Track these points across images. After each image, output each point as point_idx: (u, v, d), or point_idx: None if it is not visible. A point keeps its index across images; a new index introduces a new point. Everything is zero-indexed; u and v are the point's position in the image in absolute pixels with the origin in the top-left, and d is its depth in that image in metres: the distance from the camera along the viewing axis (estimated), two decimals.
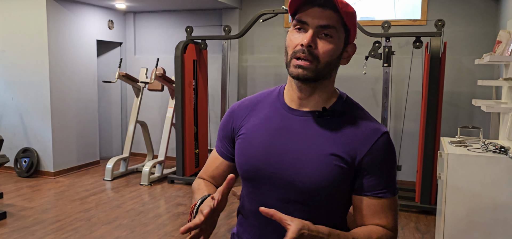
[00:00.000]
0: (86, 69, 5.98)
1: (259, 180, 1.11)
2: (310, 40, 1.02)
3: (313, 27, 1.03)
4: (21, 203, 4.54)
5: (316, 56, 1.03)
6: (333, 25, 1.03)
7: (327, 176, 1.04)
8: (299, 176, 1.05)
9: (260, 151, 1.11)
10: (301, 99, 1.11)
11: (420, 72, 4.93)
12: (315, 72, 1.04)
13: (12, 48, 5.58)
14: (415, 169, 5.06)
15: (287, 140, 1.09)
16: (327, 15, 1.02)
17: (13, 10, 5.50)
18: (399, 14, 5.31)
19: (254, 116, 1.17)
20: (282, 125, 1.11)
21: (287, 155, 1.08)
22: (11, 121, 5.72)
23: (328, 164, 1.05)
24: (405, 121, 5.21)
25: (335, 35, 1.04)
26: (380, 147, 1.07)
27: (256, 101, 1.21)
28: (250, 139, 1.14)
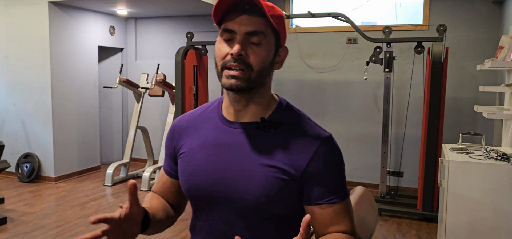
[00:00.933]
0: (87, 75, 5.99)
1: (202, 199, 1.08)
2: (239, 49, 0.98)
3: (241, 35, 0.99)
4: (22, 208, 4.53)
5: (248, 64, 0.99)
6: (262, 31, 0.99)
7: (268, 190, 1.00)
8: (241, 192, 1.02)
9: (199, 169, 1.07)
10: (238, 111, 1.07)
11: (422, 78, 4.90)
12: (248, 82, 1.00)
13: (15, 54, 5.60)
14: (417, 176, 5.02)
15: (226, 155, 1.05)
16: (254, 21, 0.99)
17: (16, 16, 5.52)
18: (401, 19, 5.29)
19: (193, 133, 1.13)
20: (221, 140, 1.07)
21: (227, 170, 1.04)
22: (13, 126, 5.73)
23: (269, 177, 1.01)
24: (407, 127, 5.17)
25: (264, 41, 1.00)
26: (324, 152, 1.03)
27: (195, 116, 1.17)
28: (190, 157, 1.10)
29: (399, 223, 4.28)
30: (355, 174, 5.58)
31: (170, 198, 1.22)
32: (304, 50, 5.70)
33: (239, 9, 0.99)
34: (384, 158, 4.76)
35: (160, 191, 1.24)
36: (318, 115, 5.70)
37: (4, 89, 5.72)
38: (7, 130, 5.77)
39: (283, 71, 5.82)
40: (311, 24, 5.66)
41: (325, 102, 5.67)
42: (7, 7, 5.55)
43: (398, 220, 4.37)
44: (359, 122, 5.53)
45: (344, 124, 5.60)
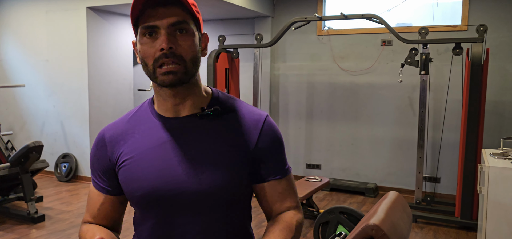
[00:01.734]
0: (122, 78, 6.14)
1: (157, 204, 1.02)
2: (168, 42, 0.95)
3: (164, 28, 0.96)
4: (59, 206, 4.69)
5: (180, 56, 0.97)
6: (184, 19, 0.98)
7: (228, 174, 1.01)
8: (201, 183, 1.00)
9: (151, 172, 1.02)
10: (176, 106, 1.04)
11: (461, 80, 4.72)
12: (185, 74, 0.98)
13: (55, 58, 5.82)
14: (454, 182, 4.83)
15: (176, 151, 1.02)
16: (173, 11, 0.96)
17: (56, 21, 5.73)
18: (438, 20, 5.12)
19: (131, 139, 1.07)
20: (166, 138, 1.04)
21: (181, 166, 1.01)
22: (52, 128, 5.95)
23: (225, 162, 1.01)
24: (444, 131, 4.99)
25: (188, 28, 0.99)
26: (268, 130, 1.07)
27: (125, 123, 1.11)
28: (136, 163, 1.03)
29: (435, 231, 4.13)
30: (389, 179, 5.44)
31: (109, 221, 1.14)
32: (336, 52, 5.62)
33: (153, 3, 0.96)
34: (420, 163, 4.61)
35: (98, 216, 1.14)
36: (351, 119, 5.61)
37: (45, 91, 5.95)
38: (47, 131, 5.99)
39: (315, 74, 5.77)
40: (344, 26, 5.57)
41: (358, 105, 5.56)
42: (48, 13, 5.77)
43: (434, 227, 4.22)
44: (394, 126, 5.39)
45: (377, 128, 5.47)
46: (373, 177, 5.53)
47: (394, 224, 1.38)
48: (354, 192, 5.36)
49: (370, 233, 1.28)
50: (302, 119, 5.90)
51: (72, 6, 5.56)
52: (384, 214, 1.40)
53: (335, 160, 5.73)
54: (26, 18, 5.95)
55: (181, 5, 0.98)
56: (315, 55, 5.75)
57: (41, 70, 5.93)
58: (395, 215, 1.47)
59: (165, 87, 1.01)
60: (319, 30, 5.71)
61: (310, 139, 5.85)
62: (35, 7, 5.85)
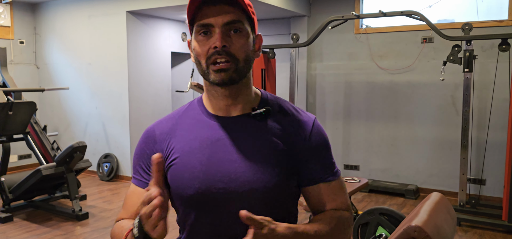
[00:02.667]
0: (161, 80, 6.27)
1: (207, 203, 1.01)
2: (222, 40, 0.96)
3: (219, 27, 0.97)
4: (102, 205, 4.85)
5: (233, 55, 0.98)
6: (239, 19, 0.98)
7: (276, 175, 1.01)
8: (250, 183, 1.00)
9: (202, 171, 1.01)
10: (228, 105, 1.05)
11: (507, 78, 4.51)
12: (237, 72, 0.99)
13: (97, 61, 6.02)
14: (501, 184, 4.61)
15: (226, 150, 1.02)
16: (229, 10, 0.97)
17: (97, 26, 5.94)
18: (482, 15, 4.91)
19: (181, 137, 1.06)
20: (217, 136, 1.03)
21: (231, 165, 1.00)
22: (95, 128, 6.16)
23: (275, 162, 1.02)
24: (490, 131, 4.78)
25: (243, 28, 0.99)
26: (317, 132, 1.08)
27: (175, 121, 1.10)
28: (186, 161, 1.02)
29: (481, 235, 3.96)
30: (431, 180, 5.27)
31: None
32: (375, 51, 5.50)
33: (210, 2, 0.98)
34: (463, 164, 4.44)
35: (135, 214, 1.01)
36: (391, 119, 5.47)
37: (87, 94, 6.17)
38: (90, 132, 6.21)
39: (353, 74, 5.67)
40: (383, 23, 5.45)
41: (398, 105, 5.42)
42: (91, 18, 5.98)
43: (480, 231, 4.04)
44: (436, 126, 5.21)
45: (418, 128, 5.31)
46: (414, 178, 5.37)
47: (437, 226, 1.34)
48: (394, 193, 5.23)
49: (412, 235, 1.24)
50: (339, 119, 5.81)
51: (113, 10, 5.74)
52: (427, 215, 1.35)
53: (373, 160, 5.61)
54: (69, 23, 6.20)
55: (237, 5, 0.98)
56: (352, 54, 5.65)
57: (84, 73, 6.16)
58: (439, 217, 1.42)
59: (217, 86, 1.01)
60: (356, 28, 5.61)
61: (348, 140, 5.75)
62: (78, 12, 6.08)
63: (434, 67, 5.08)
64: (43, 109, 6.60)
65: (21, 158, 6.36)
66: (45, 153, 4.82)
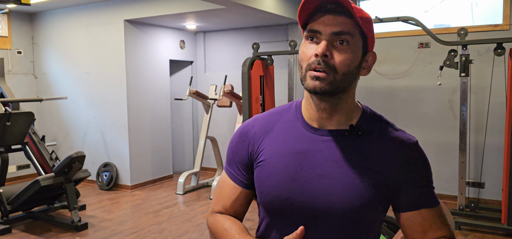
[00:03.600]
0: (160, 88, 6.29)
1: (286, 211, 1.01)
2: (324, 49, 0.94)
3: (326, 36, 0.95)
4: (101, 214, 4.84)
5: (332, 66, 0.95)
6: (348, 31, 0.95)
7: (363, 198, 0.97)
8: (332, 202, 0.97)
9: (285, 180, 1.00)
10: (323, 118, 1.02)
11: (503, 81, 4.53)
12: (332, 84, 0.95)
13: (95, 70, 6.03)
14: (500, 187, 4.63)
15: (314, 164, 1.00)
16: (340, 21, 0.94)
17: (95, 35, 5.95)
18: (478, 19, 4.94)
19: (272, 139, 1.06)
20: (306, 147, 1.01)
21: (316, 180, 0.99)
22: (94, 137, 6.16)
23: (362, 185, 0.97)
24: (487, 135, 4.80)
25: (351, 42, 0.96)
26: (415, 158, 1.02)
27: (272, 120, 1.09)
28: (272, 166, 1.03)
29: (480, 238, 3.97)
30: None
31: (240, 213, 1.13)
32: None
33: (324, 9, 0.96)
34: (462, 168, 4.45)
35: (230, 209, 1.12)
36: None
37: (86, 103, 6.17)
38: (88, 141, 6.21)
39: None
40: (379, 29, 5.47)
41: (396, 109, 5.44)
42: (88, 27, 6.00)
43: (479, 234, 4.05)
44: (434, 130, 5.23)
45: (417, 132, 5.29)
46: None
47: None
48: None
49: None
50: None
51: (111, 19, 5.76)
52: None
53: None
54: (67, 33, 6.21)
55: (351, 17, 0.95)
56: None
57: (82, 82, 6.17)
58: None
59: (312, 94, 1.00)
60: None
61: None
62: (76, 22, 6.10)
63: (431, 72, 5.10)
64: (41, 119, 6.60)
65: (20, 168, 6.35)
66: (43, 163, 4.82)
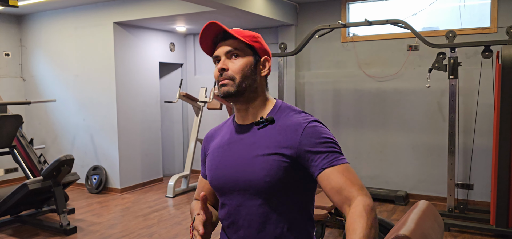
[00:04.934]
0: (149, 91, 6.25)
1: (221, 187, 1.34)
2: (222, 64, 1.30)
3: (222, 55, 1.31)
4: (90, 218, 4.79)
5: (230, 75, 1.29)
6: (235, 48, 1.30)
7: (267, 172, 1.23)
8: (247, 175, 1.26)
9: (217, 163, 1.36)
10: (243, 116, 1.35)
11: (491, 84, 4.59)
12: (235, 87, 1.29)
13: (84, 73, 5.98)
14: (488, 188, 4.68)
15: (236, 149, 1.32)
16: (229, 43, 1.31)
17: (84, 37, 5.91)
18: (466, 22, 5.00)
19: (216, 139, 1.43)
20: (232, 139, 1.36)
21: (237, 161, 1.30)
22: (83, 141, 6.10)
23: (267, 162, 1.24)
24: (476, 136, 4.85)
25: (240, 54, 1.30)
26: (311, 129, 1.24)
27: (220, 127, 1.46)
28: (212, 156, 1.39)
29: None
30: (420, 186, 5.32)
31: (211, 200, 1.48)
32: (362, 59, 5.56)
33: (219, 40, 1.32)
34: (451, 170, 4.49)
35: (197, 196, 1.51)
36: (379, 126, 5.52)
37: (75, 106, 6.11)
38: (77, 144, 6.15)
39: (341, 82, 5.72)
40: (369, 32, 5.51)
41: (386, 112, 5.47)
42: (77, 30, 5.95)
43: (468, 236, 4.08)
44: (423, 132, 5.27)
45: (406, 134, 5.37)
46: (403, 184, 5.42)
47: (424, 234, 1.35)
48: (384, 200, 5.26)
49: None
50: (328, 127, 5.81)
51: (100, 21, 5.72)
52: (414, 224, 1.37)
53: (363, 167, 5.65)
54: (56, 35, 6.16)
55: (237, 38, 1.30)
56: (340, 62, 5.70)
57: (71, 85, 6.11)
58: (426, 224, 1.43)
59: (225, 98, 1.30)
60: (343, 37, 5.67)
61: None
62: (64, 24, 6.05)
63: (420, 74, 5.15)
64: (29, 122, 6.53)
65: (8, 172, 6.27)
66: (31, 167, 4.76)
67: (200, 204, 1.26)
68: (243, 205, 1.29)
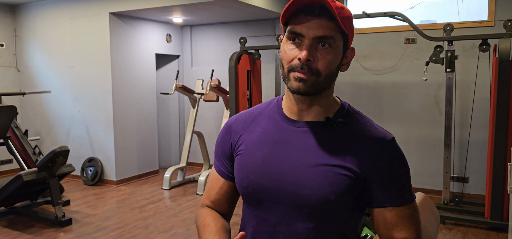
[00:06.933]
0: (145, 82, 6.22)
1: (259, 197, 1.06)
2: (307, 55, 0.96)
3: (309, 39, 0.96)
4: (86, 210, 4.78)
5: (315, 70, 0.98)
6: (331, 35, 0.97)
7: (332, 188, 0.98)
8: (302, 189, 0.99)
9: (257, 165, 1.05)
10: (301, 111, 1.06)
11: (488, 77, 4.59)
12: (315, 86, 0.99)
13: (79, 64, 5.94)
14: (484, 182, 4.69)
15: (286, 151, 1.03)
16: (323, 24, 0.96)
17: (80, 28, 5.85)
18: (463, 16, 4.99)
19: (252, 131, 1.11)
20: (281, 137, 1.06)
21: (287, 167, 1.02)
22: (78, 132, 6.07)
23: (332, 176, 0.99)
24: (472, 130, 4.85)
25: (333, 45, 0.98)
26: (388, 154, 1.02)
27: (254, 115, 1.15)
28: (248, 154, 1.08)
29: (464, 232, 4.02)
30: (416, 179, 5.30)
31: (225, 207, 1.19)
32: (359, 51, 5.54)
33: (308, 12, 0.97)
34: (447, 163, 4.50)
35: (215, 199, 1.18)
36: (376, 119, 5.46)
37: (70, 97, 6.07)
38: (73, 136, 6.12)
39: (338, 74, 5.69)
40: (367, 24, 5.49)
41: (383, 105, 5.47)
42: (72, 20, 5.90)
43: (463, 229, 4.10)
44: (419, 125, 5.28)
45: (403, 127, 5.37)
46: None
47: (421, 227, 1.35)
48: None
49: None
50: None
51: (95, 12, 5.67)
52: None
53: None
54: (51, 26, 6.10)
55: (334, 20, 0.97)
56: None
57: (67, 76, 6.07)
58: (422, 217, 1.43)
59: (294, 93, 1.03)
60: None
61: None
62: (59, 14, 5.99)
63: (417, 67, 5.14)
64: (24, 113, 6.48)
65: (2, 163, 6.23)
66: (26, 158, 4.73)
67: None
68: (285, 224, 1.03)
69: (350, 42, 1.04)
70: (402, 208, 1.02)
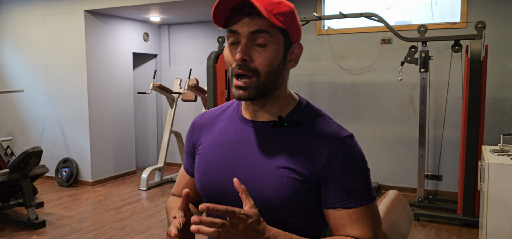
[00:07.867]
0: (122, 81, 6.13)
1: (215, 197, 1.04)
2: (243, 54, 0.95)
3: (244, 36, 0.96)
4: (60, 211, 4.68)
5: (254, 69, 0.96)
6: (265, 30, 0.95)
7: (282, 192, 0.97)
8: (253, 192, 0.97)
9: (214, 166, 1.06)
10: (255, 111, 1.05)
11: (460, 77, 4.71)
12: (257, 89, 0.97)
13: (54, 63, 5.81)
14: (456, 179, 4.81)
15: (241, 153, 1.03)
16: (257, 21, 0.95)
17: (54, 25, 5.73)
18: (437, 17, 5.10)
19: (211, 131, 1.12)
20: (237, 138, 1.06)
21: (240, 169, 1.02)
22: (52, 132, 5.94)
23: (282, 178, 0.97)
24: (445, 129, 4.97)
25: (270, 41, 0.96)
26: (342, 153, 0.98)
27: (217, 114, 1.16)
28: (206, 154, 1.09)
29: (438, 229, 4.11)
30: (391, 177, 5.42)
31: (193, 198, 1.20)
32: (336, 52, 5.61)
33: (240, 11, 0.97)
34: (421, 161, 4.60)
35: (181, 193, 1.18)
36: (352, 118, 5.59)
37: (44, 96, 5.94)
38: (47, 136, 5.99)
39: (316, 74, 5.75)
40: (344, 25, 5.56)
41: (359, 104, 5.54)
42: (46, 17, 5.77)
43: (437, 225, 4.20)
44: (395, 124, 5.37)
45: (379, 127, 5.45)
46: (375, 176, 5.51)
47: (393, 223, 1.37)
48: None
49: None
50: None
51: (70, 9, 5.56)
52: (383, 213, 1.39)
53: None
54: (24, 23, 5.95)
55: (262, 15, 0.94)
56: (315, 55, 5.73)
57: (40, 75, 5.93)
58: (395, 214, 1.45)
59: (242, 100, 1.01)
60: (318, 29, 5.69)
61: None
62: (33, 11, 5.85)
63: (392, 68, 5.23)
64: None
65: None
66: None
67: (181, 201, 0.96)
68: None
69: (294, 38, 1.01)
70: (355, 209, 0.97)
